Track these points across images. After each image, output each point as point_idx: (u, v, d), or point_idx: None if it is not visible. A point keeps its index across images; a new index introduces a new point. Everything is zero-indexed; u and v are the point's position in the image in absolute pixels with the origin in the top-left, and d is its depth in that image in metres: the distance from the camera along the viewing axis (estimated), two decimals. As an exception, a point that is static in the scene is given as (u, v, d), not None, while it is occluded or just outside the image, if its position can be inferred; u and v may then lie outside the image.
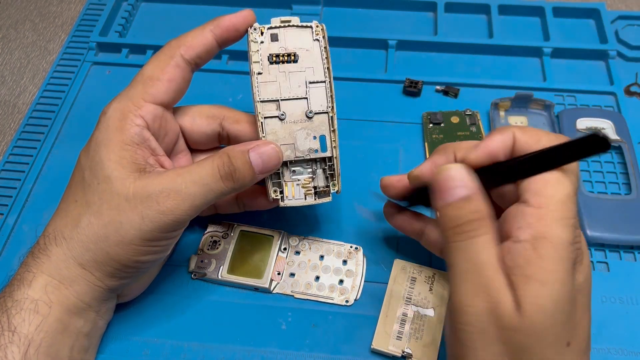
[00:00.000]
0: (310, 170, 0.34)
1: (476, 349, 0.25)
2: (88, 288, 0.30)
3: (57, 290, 0.29)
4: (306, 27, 0.33)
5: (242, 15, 0.32)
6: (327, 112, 0.33)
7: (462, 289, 0.25)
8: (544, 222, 0.24)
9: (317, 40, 0.33)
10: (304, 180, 0.34)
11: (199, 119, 0.35)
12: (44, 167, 0.43)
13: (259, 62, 0.32)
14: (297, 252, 0.37)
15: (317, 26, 0.33)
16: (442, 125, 0.44)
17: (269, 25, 0.33)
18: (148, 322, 0.35)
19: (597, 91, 0.46)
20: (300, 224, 0.39)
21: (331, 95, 0.33)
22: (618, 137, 0.42)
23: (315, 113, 0.33)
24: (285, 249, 0.37)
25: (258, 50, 0.33)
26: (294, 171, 0.34)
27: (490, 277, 0.25)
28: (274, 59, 0.33)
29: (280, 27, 0.33)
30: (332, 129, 0.33)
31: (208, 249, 0.37)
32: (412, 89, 0.46)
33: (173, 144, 0.34)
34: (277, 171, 0.33)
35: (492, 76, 0.48)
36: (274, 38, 0.33)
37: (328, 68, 0.33)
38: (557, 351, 0.24)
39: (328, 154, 0.33)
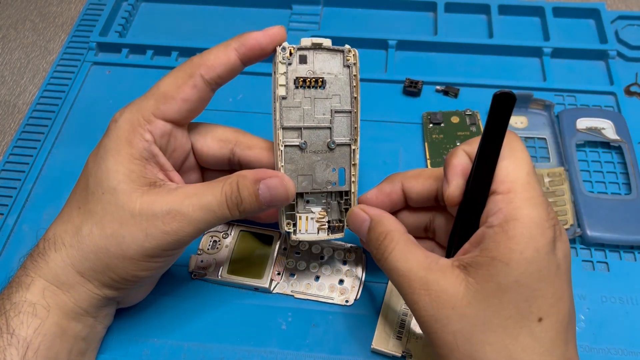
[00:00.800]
0: (325, 202, 0.33)
1: (436, 332, 0.26)
2: (86, 295, 0.29)
3: (55, 295, 0.29)
4: (338, 50, 0.31)
5: (270, 34, 0.30)
6: (349, 144, 0.32)
7: (404, 294, 0.27)
8: (513, 204, 0.25)
9: (348, 66, 0.31)
10: (319, 214, 0.33)
11: (211, 142, 0.34)
12: (44, 167, 0.43)
13: (284, 85, 0.31)
14: (297, 252, 0.37)
15: (349, 51, 0.31)
16: (442, 125, 0.44)
17: (298, 46, 0.31)
18: (148, 323, 0.35)
19: (597, 91, 0.46)
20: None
21: (356, 127, 0.32)
22: (618, 137, 0.42)
23: (338, 145, 0.32)
24: (285, 249, 0.37)
25: (285, 73, 0.30)
26: (307, 201, 0.33)
27: (422, 277, 0.27)
28: (301, 82, 0.31)
29: (310, 48, 0.31)
30: (353, 162, 0.32)
31: (208, 249, 0.37)
32: (412, 89, 0.46)
33: (182, 160, 0.34)
34: (292, 202, 0.32)
35: (492, 76, 0.48)
36: (303, 60, 0.31)
37: (356, 98, 0.32)
38: (522, 325, 0.24)
39: (346, 187, 0.32)
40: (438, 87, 0.47)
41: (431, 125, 0.44)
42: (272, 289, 0.36)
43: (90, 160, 0.31)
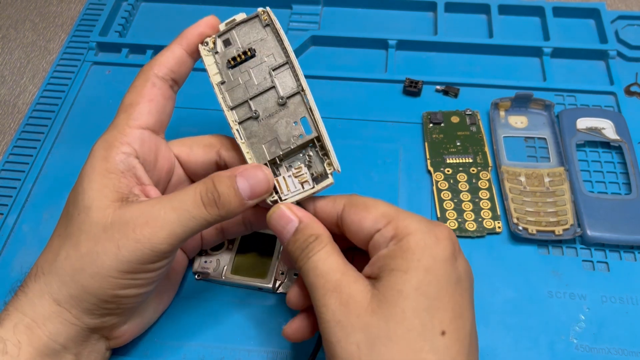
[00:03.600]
0: (303, 157, 0.31)
1: (339, 341, 0.25)
2: (63, 327, 0.27)
3: (28, 329, 0.27)
4: (253, 17, 0.32)
5: (204, 22, 0.32)
6: (298, 92, 0.31)
7: (316, 296, 0.27)
8: (399, 226, 0.26)
9: (268, 25, 0.32)
10: (295, 170, 0.31)
11: (197, 148, 0.33)
12: (44, 167, 0.43)
13: (218, 72, 0.32)
14: (298, 252, 0.37)
15: (263, 13, 0.32)
16: (442, 125, 0.44)
17: (217, 34, 0.32)
18: (148, 322, 0.35)
19: (597, 91, 0.46)
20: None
21: (297, 74, 0.31)
22: (618, 137, 0.42)
23: (287, 97, 0.31)
24: (285, 248, 0.37)
25: (215, 62, 0.32)
26: (289, 166, 0.31)
27: (337, 279, 0.26)
28: (232, 62, 0.32)
29: (227, 30, 0.32)
30: (309, 107, 0.31)
31: (212, 249, 0.37)
32: (412, 89, 0.46)
33: (166, 173, 0.33)
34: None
35: (492, 76, 0.48)
36: (227, 43, 0.32)
37: (286, 47, 0.31)
38: (425, 338, 0.24)
39: (314, 134, 0.31)
40: (438, 87, 0.47)
41: (431, 125, 0.44)
42: (276, 289, 0.36)
43: (70, 191, 0.30)
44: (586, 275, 0.37)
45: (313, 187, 0.30)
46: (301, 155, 0.31)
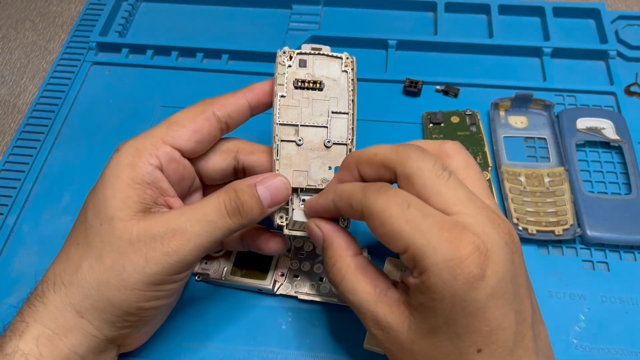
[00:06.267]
0: None
1: None
2: (84, 339, 0.28)
3: (50, 342, 0.27)
4: (336, 57, 0.33)
5: (271, 82, 0.33)
6: (346, 144, 0.32)
7: (361, 320, 0.28)
8: (416, 257, 0.24)
9: (346, 71, 0.33)
10: None
11: (213, 156, 0.33)
12: (44, 167, 0.43)
13: (283, 84, 0.32)
14: (301, 253, 0.37)
15: (347, 58, 0.33)
16: (442, 125, 0.44)
17: (298, 51, 0.33)
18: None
19: (597, 91, 0.46)
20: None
21: (352, 128, 0.32)
22: (618, 137, 0.42)
23: (334, 143, 0.32)
24: (289, 250, 0.37)
25: (284, 74, 0.32)
26: (304, 200, 0.32)
27: (371, 312, 0.27)
28: (299, 84, 0.32)
29: (310, 54, 0.33)
30: None
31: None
32: (412, 89, 0.46)
33: (188, 188, 0.33)
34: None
35: (492, 76, 0.48)
36: (302, 64, 0.33)
37: (353, 100, 0.32)
38: (461, 359, 0.24)
39: None
40: (438, 87, 0.47)
41: (431, 125, 0.44)
42: (275, 290, 0.36)
43: (89, 194, 0.30)
44: (586, 275, 0.37)
45: None
46: None
